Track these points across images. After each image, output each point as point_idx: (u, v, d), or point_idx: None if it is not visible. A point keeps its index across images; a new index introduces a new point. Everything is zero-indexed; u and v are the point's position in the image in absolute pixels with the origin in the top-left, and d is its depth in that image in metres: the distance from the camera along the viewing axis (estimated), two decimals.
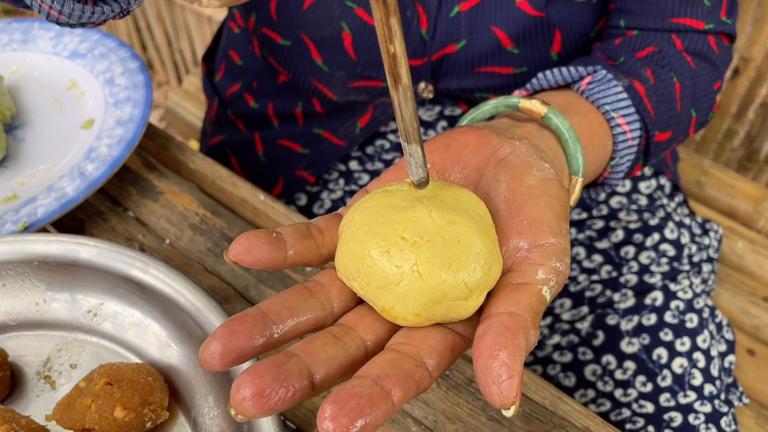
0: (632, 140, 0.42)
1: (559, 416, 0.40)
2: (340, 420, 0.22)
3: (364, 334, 0.28)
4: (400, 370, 0.25)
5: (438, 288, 0.26)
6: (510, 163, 0.32)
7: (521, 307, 0.26)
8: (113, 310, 0.41)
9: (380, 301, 0.27)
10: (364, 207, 0.28)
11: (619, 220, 0.61)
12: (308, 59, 0.57)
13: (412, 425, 0.40)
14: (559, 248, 0.29)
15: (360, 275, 0.27)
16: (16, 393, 0.40)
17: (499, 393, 0.24)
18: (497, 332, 0.25)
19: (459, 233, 0.27)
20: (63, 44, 0.58)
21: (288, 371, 0.24)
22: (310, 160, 0.64)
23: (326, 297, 0.29)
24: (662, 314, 0.57)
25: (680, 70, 0.47)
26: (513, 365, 0.24)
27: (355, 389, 0.23)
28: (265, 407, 0.23)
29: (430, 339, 0.27)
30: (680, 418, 0.54)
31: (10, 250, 0.40)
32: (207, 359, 0.25)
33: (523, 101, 0.37)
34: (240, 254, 0.27)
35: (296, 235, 0.29)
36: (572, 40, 0.55)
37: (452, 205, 0.28)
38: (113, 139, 0.50)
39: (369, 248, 0.27)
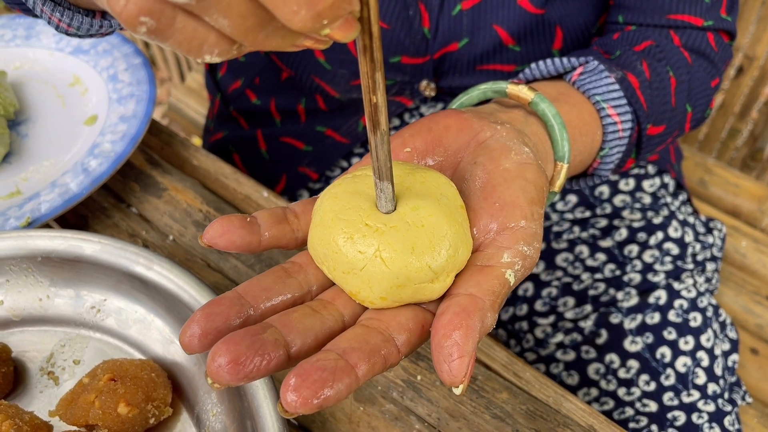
0: (623, 131, 0.42)
1: (563, 414, 0.40)
2: (302, 392, 0.23)
3: (341, 308, 0.28)
4: (366, 345, 0.25)
5: (401, 272, 0.27)
6: (489, 146, 0.32)
7: (482, 290, 0.27)
8: (117, 306, 0.41)
9: (347, 285, 0.28)
10: (332, 192, 0.29)
11: (622, 218, 0.61)
12: (311, 57, 0.57)
13: (416, 423, 0.40)
14: (528, 232, 0.29)
15: (327, 259, 0.28)
16: (20, 389, 0.40)
17: (449, 371, 0.25)
18: (454, 312, 0.26)
19: (423, 218, 0.28)
20: (66, 40, 0.58)
21: (264, 340, 0.24)
22: (313, 158, 0.64)
23: (304, 277, 0.29)
24: (666, 313, 0.57)
25: (677, 65, 0.47)
26: (464, 345, 0.25)
27: (319, 362, 0.24)
28: (240, 374, 0.24)
29: (400, 316, 0.27)
30: (684, 417, 0.54)
31: (13, 245, 0.40)
32: (186, 342, 0.25)
33: (511, 86, 0.37)
34: (214, 237, 0.28)
35: (271, 219, 0.29)
36: (573, 36, 0.55)
37: (418, 190, 0.29)
38: (117, 135, 0.50)
39: (334, 234, 0.27)
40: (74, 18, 0.35)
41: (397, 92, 0.58)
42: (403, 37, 0.54)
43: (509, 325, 0.63)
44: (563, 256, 0.61)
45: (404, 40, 0.54)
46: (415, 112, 0.62)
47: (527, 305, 0.62)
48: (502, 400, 0.40)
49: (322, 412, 0.40)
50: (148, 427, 0.37)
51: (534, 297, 0.61)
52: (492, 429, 0.39)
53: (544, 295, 0.61)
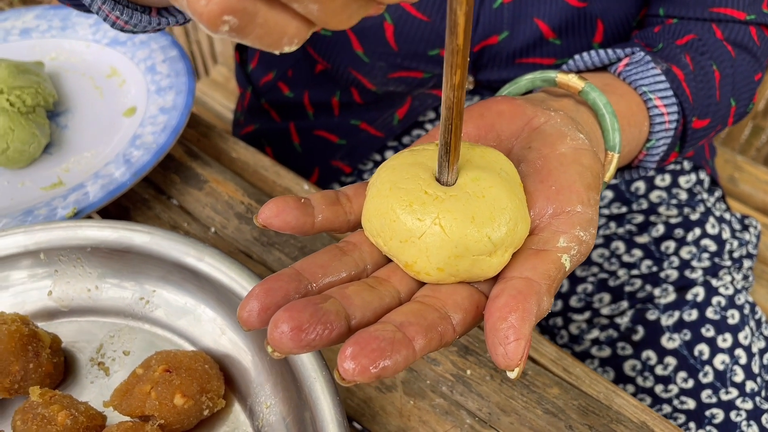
0: (669, 123, 0.41)
1: (615, 410, 0.39)
2: (360, 360, 0.23)
3: (397, 285, 0.28)
4: (423, 320, 0.25)
5: (460, 241, 0.26)
6: (543, 131, 0.32)
7: (537, 273, 0.26)
8: (166, 297, 0.41)
9: (403, 256, 0.27)
10: (390, 165, 0.29)
11: (659, 214, 0.61)
12: (349, 49, 0.57)
13: (467, 417, 0.39)
14: (585, 217, 0.29)
15: (384, 230, 0.27)
16: (70, 379, 0.39)
17: (504, 354, 0.24)
18: (510, 295, 0.25)
19: (483, 188, 0.27)
20: (103, 31, 0.58)
21: (326, 310, 0.24)
22: (347, 151, 0.63)
23: (359, 255, 0.29)
24: (704, 310, 0.56)
25: (720, 59, 0.46)
26: (521, 328, 0.24)
27: (377, 332, 0.24)
28: (303, 342, 0.23)
29: (456, 294, 0.27)
30: (722, 415, 0.53)
31: (63, 235, 0.40)
32: (245, 317, 0.25)
33: (560, 75, 0.37)
34: (269, 218, 0.28)
35: (325, 201, 0.29)
36: (614, 30, 0.54)
37: (478, 162, 0.28)
38: (157, 126, 0.50)
39: (392, 203, 0.27)
40: (133, 16, 0.35)
41: (435, 85, 0.58)
42: (443, 30, 0.54)
43: (543, 320, 0.63)
44: (599, 251, 0.61)
45: (444, 32, 0.54)
46: None
47: (562, 301, 0.61)
48: (554, 395, 0.40)
49: (372, 405, 0.40)
50: (201, 418, 0.37)
51: (569, 293, 0.61)
52: (544, 424, 0.39)
53: (579, 290, 0.61)
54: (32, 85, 0.50)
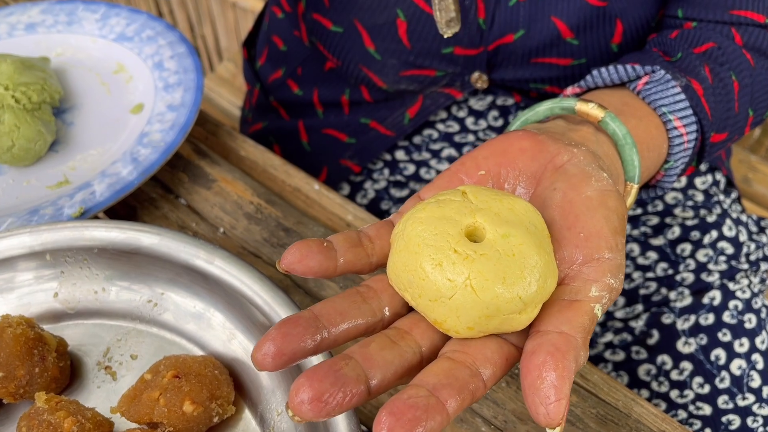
0: (688, 143, 0.40)
1: (634, 419, 0.38)
2: (396, 431, 0.23)
3: (419, 339, 0.28)
4: (455, 381, 0.25)
5: (492, 302, 0.26)
6: (568, 171, 0.31)
7: (573, 327, 0.26)
8: (175, 300, 0.40)
9: (432, 314, 0.27)
10: (417, 217, 0.28)
11: (674, 216, 0.60)
12: (360, 46, 0.55)
13: (482, 425, 0.38)
14: (614, 264, 0.28)
15: (412, 286, 0.27)
16: (76, 383, 0.39)
17: (546, 414, 0.24)
18: (548, 352, 0.25)
19: (514, 246, 0.27)
20: (109, 26, 0.57)
21: (346, 376, 0.24)
22: (356, 150, 0.62)
23: (378, 303, 0.29)
24: (720, 314, 0.55)
25: (739, 68, 0.45)
26: (562, 388, 0.24)
27: (411, 400, 0.24)
28: (323, 411, 0.24)
29: (486, 349, 0.27)
30: (738, 421, 0.52)
31: (69, 236, 0.39)
32: (260, 359, 0.25)
33: (580, 104, 0.36)
34: (292, 263, 0.28)
35: (347, 243, 0.29)
36: (633, 31, 0.53)
37: (507, 216, 0.28)
38: (165, 124, 0.49)
39: (421, 260, 0.27)
40: None
41: (448, 84, 0.57)
42: None
43: None
44: None
45: (459, 31, 0.52)
46: (464, 105, 0.61)
47: None
48: (571, 403, 0.39)
49: None
50: (211, 425, 0.36)
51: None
52: None
53: None
54: (38, 82, 0.49)
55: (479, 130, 0.60)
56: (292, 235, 0.47)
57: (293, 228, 0.47)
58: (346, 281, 0.45)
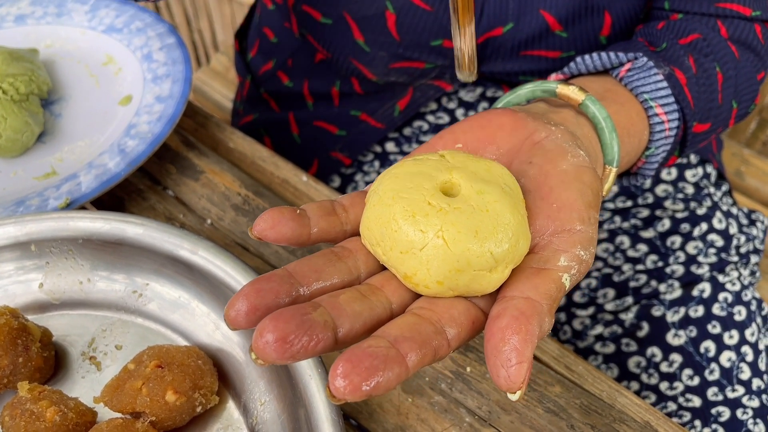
0: (669, 131, 0.40)
1: (618, 409, 0.38)
2: (351, 378, 0.22)
3: (390, 295, 0.27)
4: (418, 335, 0.25)
5: (462, 255, 0.26)
6: (544, 147, 0.32)
7: (539, 293, 0.26)
8: (159, 290, 0.40)
9: (403, 267, 0.27)
10: (393, 173, 0.28)
11: (665, 208, 0.60)
12: (349, 38, 0.55)
13: (466, 415, 0.39)
14: (585, 236, 0.28)
15: (384, 239, 0.27)
16: (61, 373, 0.39)
17: (507, 377, 0.24)
18: (512, 316, 0.25)
19: (488, 203, 0.27)
20: (98, 18, 0.57)
21: (313, 320, 0.24)
22: (347, 142, 0.62)
23: (353, 262, 0.28)
24: (710, 306, 0.55)
25: (723, 60, 0.45)
26: (524, 351, 0.24)
27: (370, 349, 0.23)
28: (287, 353, 0.23)
29: (453, 309, 0.27)
30: (728, 413, 0.52)
31: (54, 227, 0.39)
32: (232, 316, 0.24)
33: (561, 87, 0.36)
34: (264, 230, 0.27)
35: (320, 211, 0.29)
36: (622, 23, 0.53)
37: (483, 175, 0.28)
38: (153, 115, 0.49)
39: (395, 212, 0.27)
40: None
41: (437, 76, 0.56)
42: (446, 21, 0.52)
43: None
44: (603, 246, 0.60)
45: (447, 23, 0.52)
46: (454, 97, 0.60)
47: (565, 296, 0.60)
48: (555, 393, 0.39)
49: (369, 402, 0.39)
50: (194, 415, 0.36)
51: (573, 288, 0.60)
52: (545, 423, 0.38)
53: (583, 286, 0.60)
54: (26, 73, 0.49)
55: None
56: None
57: None
58: None
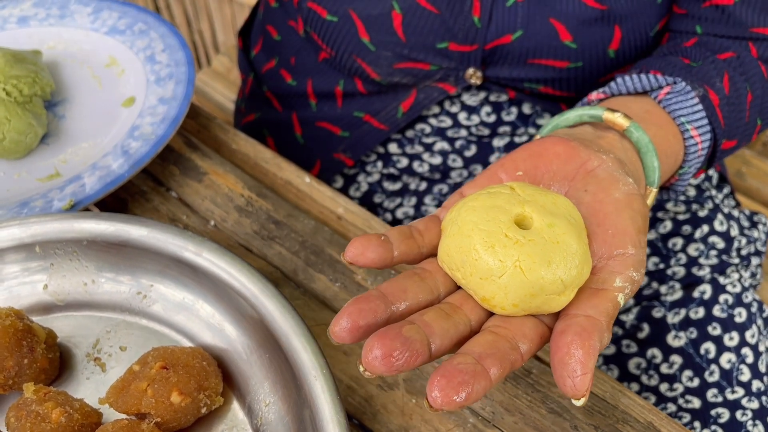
0: (702, 150, 0.43)
1: (621, 410, 0.39)
2: (446, 391, 0.26)
3: (468, 313, 0.31)
4: (498, 351, 0.28)
5: (537, 283, 0.29)
6: (598, 176, 0.34)
7: (598, 311, 0.29)
8: (164, 292, 0.40)
9: (482, 291, 0.30)
10: (471, 205, 0.32)
11: (666, 210, 0.60)
12: (354, 37, 0.55)
13: (470, 416, 0.39)
14: (636, 259, 0.31)
15: (464, 266, 0.30)
16: (66, 375, 0.39)
17: (573, 386, 0.27)
18: (575, 332, 0.28)
19: (557, 235, 0.30)
20: (102, 20, 0.57)
21: (412, 339, 0.27)
22: (350, 143, 0.62)
23: (433, 282, 0.32)
24: (711, 308, 0.56)
25: (753, 79, 0.47)
26: (587, 363, 0.27)
27: (460, 365, 0.27)
28: (393, 367, 0.27)
29: (524, 326, 0.30)
30: (727, 414, 0.53)
31: (59, 228, 0.39)
32: (337, 332, 0.28)
33: (607, 113, 0.39)
34: (355, 256, 0.31)
35: (401, 237, 0.32)
36: (632, 38, 0.53)
37: (551, 209, 0.31)
38: (156, 117, 0.49)
39: (475, 242, 0.30)
40: None
41: (441, 78, 0.57)
42: (452, 23, 0.52)
43: None
44: None
45: (453, 26, 0.52)
46: (456, 100, 0.61)
47: None
48: (559, 394, 0.39)
49: (373, 403, 0.39)
50: (199, 416, 0.36)
51: None
52: (549, 424, 0.38)
53: None
54: (29, 75, 0.49)
55: (472, 126, 0.60)
56: (282, 227, 0.47)
57: (284, 221, 0.47)
58: (336, 274, 0.45)
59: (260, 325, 0.36)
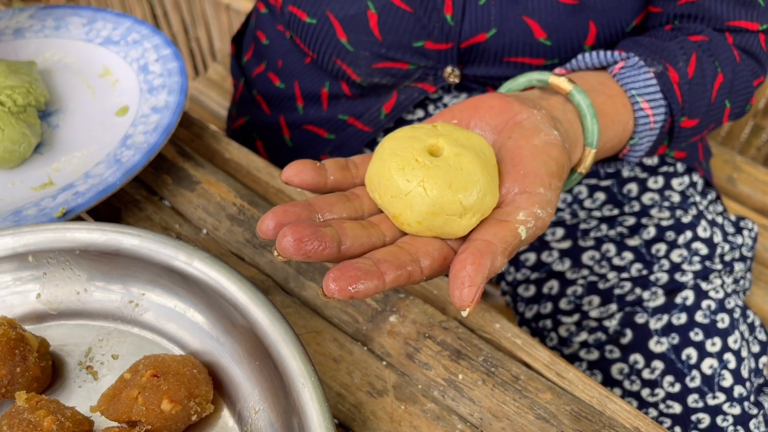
0: (654, 123, 0.46)
1: (608, 416, 0.40)
2: (339, 282, 0.29)
3: (385, 231, 0.34)
4: (396, 259, 0.31)
5: (437, 202, 0.32)
6: (523, 126, 0.37)
7: (496, 238, 0.32)
8: (155, 300, 0.41)
9: (392, 208, 0.33)
10: (393, 135, 0.35)
11: (651, 217, 0.61)
12: (333, 38, 0.56)
13: (458, 422, 0.39)
14: (544, 198, 0.34)
15: (380, 187, 0.34)
16: (58, 383, 0.39)
17: (460, 297, 0.30)
18: (470, 252, 0.31)
19: (463, 163, 0.33)
20: (96, 31, 0.57)
21: (323, 232, 0.31)
22: (336, 146, 0.63)
23: (359, 204, 0.35)
24: (693, 314, 0.57)
25: (725, 63, 0.49)
26: (475, 277, 0.30)
27: (357, 263, 0.30)
28: (301, 251, 0.30)
29: (429, 245, 0.33)
30: (708, 420, 0.53)
31: (51, 238, 0.40)
32: (263, 229, 0.31)
33: (552, 78, 0.42)
34: (290, 176, 0.34)
35: (336, 165, 0.36)
36: (607, 34, 0.54)
37: (463, 142, 0.34)
38: (149, 126, 0.49)
39: (389, 165, 0.33)
40: None
41: (420, 78, 0.57)
42: (427, 22, 0.53)
43: (533, 323, 0.63)
44: (589, 254, 0.61)
45: (428, 24, 0.53)
46: (439, 103, 0.62)
47: (552, 303, 0.61)
48: (546, 400, 0.40)
49: (363, 410, 0.40)
50: (189, 423, 0.37)
51: (559, 295, 0.61)
52: (536, 430, 0.39)
53: (569, 293, 0.61)
54: (24, 85, 0.50)
55: None
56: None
57: None
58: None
59: (250, 333, 0.37)
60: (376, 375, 0.41)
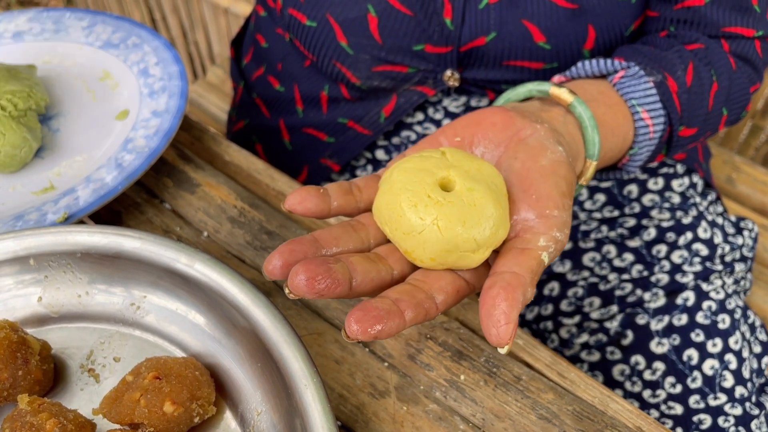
0: (654, 133, 0.45)
1: (610, 416, 0.40)
2: (362, 324, 0.29)
3: (392, 264, 0.34)
4: (413, 298, 0.31)
5: (452, 240, 0.32)
6: (528, 143, 0.37)
7: (523, 268, 0.32)
8: (157, 303, 0.41)
9: (404, 244, 0.33)
10: (403, 167, 0.34)
11: (651, 218, 0.61)
12: (333, 41, 0.56)
13: (460, 423, 0.39)
14: (560, 220, 0.34)
15: (391, 221, 0.33)
16: (60, 386, 0.39)
17: (497, 335, 0.30)
18: (501, 286, 0.31)
19: (475, 198, 0.33)
20: (96, 34, 0.57)
21: (335, 269, 0.30)
22: (336, 149, 0.63)
23: (365, 234, 0.35)
24: (694, 315, 0.57)
25: (721, 70, 0.49)
26: (510, 314, 0.30)
27: (377, 303, 0.30)
28: (314, 290, 0.29)
29: (442, 280, 0.33)
30: (710, 421, 0.53)
31: (53, 241, 0.40)
32: (270, 269, 0.31)
33: (553, 88, 0.41)
34: (294, 204, 0.34)
35: (339, 191, 0.35)
36: (606, 38, 0.54)
37: (474, 175, 0.34)
38: (150, 130, 0.50)
39: (401, 200, 0.33)
40: None
41: (420, 81, 0.58)
42: (427, 25, 0.54)
43: (534, 324, 0.63)
44: (590, 255, 0.61)
45: (428, 28, 0.54)
46: (439, 107, 0.62)
47: (552, 305, 0.61)
48: (548, 400, 0.40)
49: (365, 411, 0.40)
50: (192, 426, 0.37)
51: (560, 297, 0.61)
52: (538, 430, 0.39)
53: (570, 294, 0.61)
54: (24, 89, 0.50)
55: None
56: (275, 238, 0.48)
57: (276, 231, 0.48)
58: None
59: (252, 334, 0.37)
60: (378, 376, 0.41)
